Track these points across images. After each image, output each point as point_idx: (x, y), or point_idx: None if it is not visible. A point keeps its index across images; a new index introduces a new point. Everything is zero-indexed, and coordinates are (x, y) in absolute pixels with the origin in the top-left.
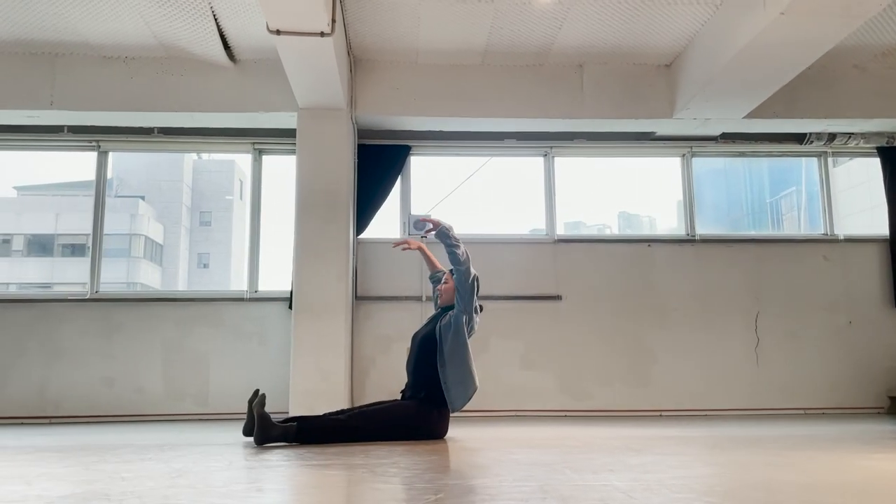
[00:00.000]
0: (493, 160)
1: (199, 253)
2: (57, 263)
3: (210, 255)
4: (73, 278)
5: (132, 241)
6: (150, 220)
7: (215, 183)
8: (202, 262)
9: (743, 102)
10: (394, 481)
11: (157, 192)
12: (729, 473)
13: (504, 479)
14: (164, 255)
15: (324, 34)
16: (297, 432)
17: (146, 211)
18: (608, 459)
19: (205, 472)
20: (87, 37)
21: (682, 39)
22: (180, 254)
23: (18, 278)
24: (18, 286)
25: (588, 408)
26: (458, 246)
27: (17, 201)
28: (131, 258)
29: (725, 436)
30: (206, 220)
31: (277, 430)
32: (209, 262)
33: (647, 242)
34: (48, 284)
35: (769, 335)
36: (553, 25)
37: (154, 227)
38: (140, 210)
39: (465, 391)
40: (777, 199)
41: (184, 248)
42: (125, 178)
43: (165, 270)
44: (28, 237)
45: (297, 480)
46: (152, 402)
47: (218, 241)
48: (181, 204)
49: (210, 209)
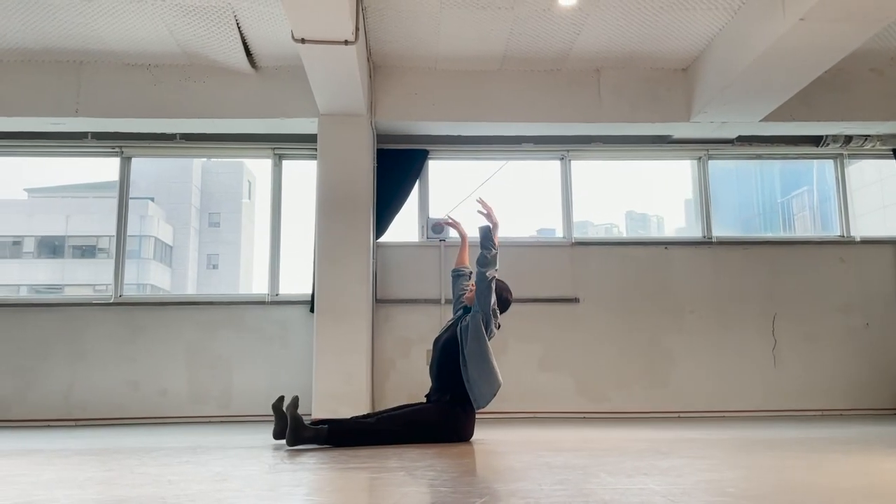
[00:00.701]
0: (509, 164)
1: (209, 254)
2: (67, 265)
3: (219, 256)
4: (84, 280)
5: (142, 242)
6: (159, 222)
7: (224, 184)
8: (211, 263)
9: (760, 106)
10: (435, 484)
11: (166, 193)
12: (759, 476)
13: (543, 483)
14: (174, 257)
15: (348, 42)
16: (328, 435)
17: (156, 212)
18: (639, 463)
19: (247, 476)
20: (111, 45)
21: (700, 44)
22: (189, 255)
23: (30, 280)
24: (30, 288)
25: (606, 410)
26: (491, 250)
27: (28, 203)
28: (141, 259)
29: (747, 438)
30: (214, 221)
31: (309, 433)
32: (218, 262)
33: (664, 245)
34: (59, 286)
35: (786, 337)
36: (571, 31)
37: (164, 229)
38: (150, 211)
39: (489, 388)
40: (788, 199)
41: (193, 249)
42: (135, 180)
43: (175, 272)
44: (39, 239)
45: (341, 483)
46: (176, 404)
47: (227, 242)
48: (190, 205)
49: (219, 210)
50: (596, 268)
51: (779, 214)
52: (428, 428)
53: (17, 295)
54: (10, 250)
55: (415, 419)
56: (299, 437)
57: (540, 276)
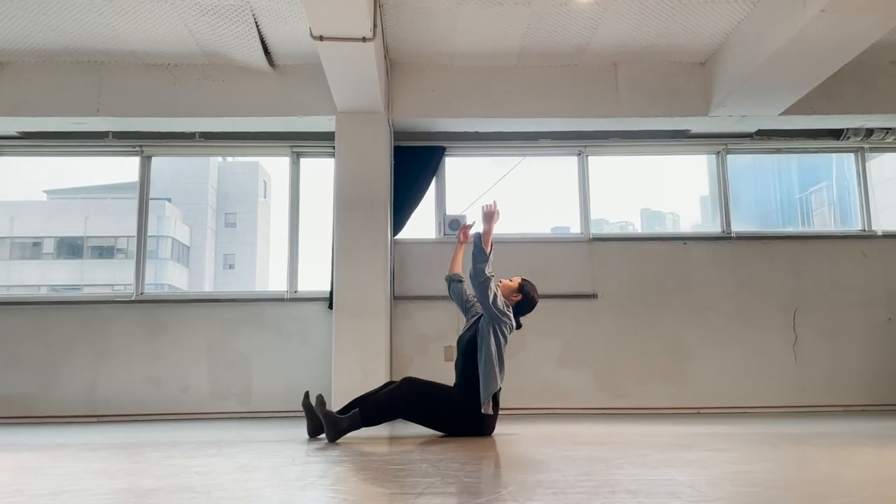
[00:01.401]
0: (526, 160)
1: (225, 254)
2: (86, 265)
3: (235, 256)
4: (103, 280)
5: (160, 242)
6: (176, 222)
7: (240, 184)
8: (228, 263)
9: (780, 99)
10: (459, 475)
11: (183, 194)
12: (785, 468)
13: (567, 475)
14: (191, 257)
15: (366, 39)
16: (361, 418)
17: (173, 213)
18: (663, 455)
19: (274, 467)
20: (131, 45)
21: (718, 37)
22: (206, 255)
23: (49, 280)
24: (49, 289)
25: (625, 405)
26: (479, 265)
27: (47, 205)
28: (159, 259)
29: (769, 433)
30: (231, 221)
31: (345, 423)
32: (234, 262)
33: (683, 240)
34: (78, 286)
35: (808, 332)
36: (589, 26)
37: (181, 229)
38: (167, 212)
39: (486, 389)
40: (807, 194)
41: (210, 249)
42: (153, 181)
43: (192, 271)
44: (58, 240)
45: (365, 474)
46: (197, 400)
47: (243, 242)
48: (207, 205)
49: (235, 210)
50: (614, 264)
51: (798, 210)
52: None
53: (42, 294)
54: (31, 251)
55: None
56: (339, 431)
57: (558, 273)
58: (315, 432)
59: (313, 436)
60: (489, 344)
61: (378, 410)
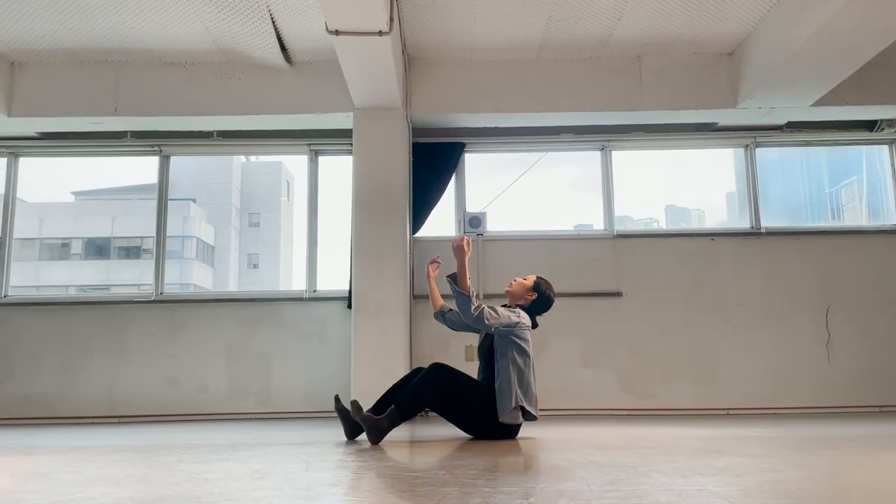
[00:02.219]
0: (548, 155)
1: (249, 254)
2: (113, 266)
3: (259, 255)
4: (130, 280)
5: (185, 242)
6: (201, 222)
7: (263, 184)
8: (252, 263)
9: (811, 90)
10: (478, 483)
11: (207, 194)
12: (825, 477)
13: (592, 483)
14: (216, 256)
15: (382, 33)
16: (399, 414)
17: (197, 213)
18: (692, 462)
19: (286, 473)
20: (148, 44)
21: (746, 26)
22: (231, 255)
23: (77, 280)
24: (77, 288)
25: (651, 406)
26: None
27: (74, 206)
28: (184, 259)
29: (804, 435)
30: (255, 221)
31: (384, 423)
32: (259, 262)
33: (711, 236)
34: (105, 286)
35: (840, 330)
36: (612, 17)
37: (205, 229)
38: (192, 212)
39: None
40: (837, 189)
41: (234, 248)
42: (177, 182)
43: (217, 271)
44: (86, 241)
45: (379, 482)
46: (216, 400)
47: (267, 242)
48: (231, 206)
49: (259, 210)
50: (639, 261)
51: (827, 205)
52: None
53: (59, 294)
54: (59, 252)
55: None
56: (381, 431)
57: (581, 271)
58: (353, 435)
59: (352, 438)
60: (506, 362)
61: (411, 402)
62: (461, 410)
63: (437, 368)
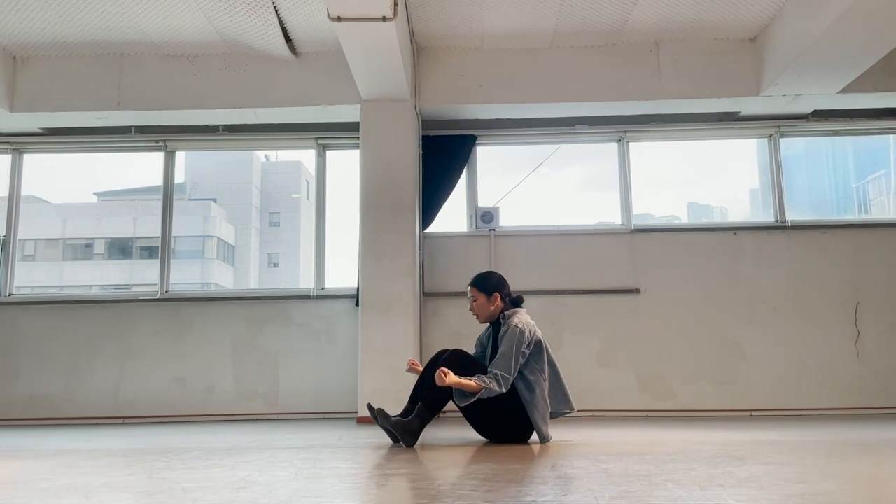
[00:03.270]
0: (563, 147)
1: (269, 253)
2: (136, 266)
3: (279, 254)
4: (152, 280)
5: (205, 242)
6: (221, 222)
7: (283, 184)
8: (272, 262)
9: (838, 75)
10: (474, 496)
11: (227, 194)
12: (862, 489)
13: (600, 496)
14: (236, 256)
15: (386, 18)
16: (427, 409)
17: (218, 213)
18: (712, 471)
19: (270, 483)
20: (151, 36)
21: (770, 10)
22: (251, 254)
23: (100, 280)
24: (101, 288)
25: (671, 407)
26: (484, 391)
27: (97, 207)
28: (205, 259)
29: (835, 440)
30: (275, 220)
31: (415, 424)
32: (279, 261)
33: (733, 230)
34: (128, 286)
35: (871, 328)
36: (628, 1)
37: (226, 229)
38: (212, 212)
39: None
40: (864, 183)
41: (254, 248)
42: (198, 182)
43: (237, 270)
44: (108, 241)
45: (369, 495)
46: (223, 401)
47: (287, 241)
48: (251, 205)
49: (279, 210)
50: (658, 256)
51: (854, 200)
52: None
53: (67, 293)
54: (82, 252)
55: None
56: (414, 433)
57: (597, 266)
58: (396, 440)
59: (397, 442)
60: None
61: (436, 394)
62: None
63: (461, 354)
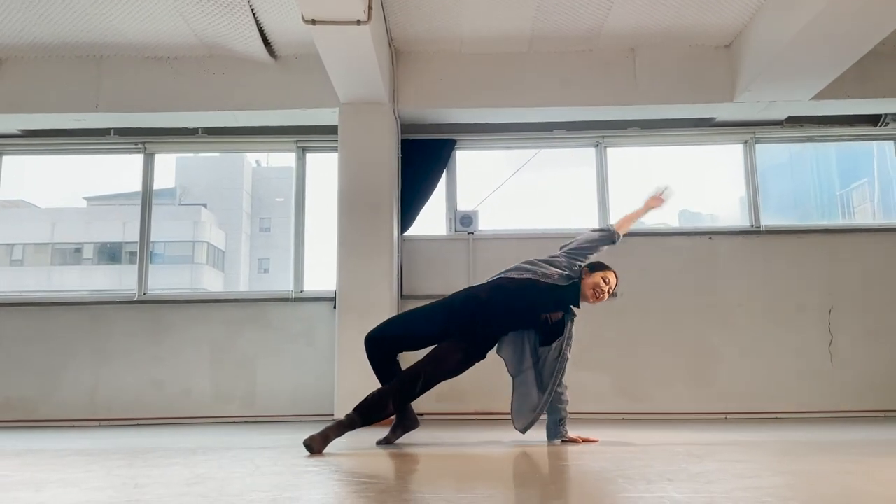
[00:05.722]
0: (542, 152)
1: (260, 258)
2: (125, 270)
3: (270, 260)
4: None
5: (195, 247)
6: (212, 227)
7: (274, 189)
8: (262, 267)
9: (811, 82)
10: (413, 491)
11: (218, 199)
12: (802, 484)
13: (549, 490)
14: (226, 261)
15: (360, 22)
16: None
17: (208, 218)
18: (667, 467)
19: (225, 479)
20: (129, 37)
21: (743, 17)
22: (241, 259)
23: (88, 286)
24: (89, 293)
25: (647, 410)
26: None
27: (86, 211)
28: (195, 264)
29: (797, 440)
30: (265, 225)
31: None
32: (269, 266)
33: (709, 235)
34: (117, 291)
35: (844, 332)
36: (602, 7)
37: (216, 234)
38: (202, 217)
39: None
40: (848, 190)
41: (245, 253)
42: (188, 187)
43: (227, 276)
44: (98, 245)
45: (321, 491)
46: (200, 404)
47: (277, 246)
48: (241, 210)
49: (269, 215)
50: (635, 260)
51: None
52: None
53: (43, 294)
54: (71, 257)
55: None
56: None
57: None
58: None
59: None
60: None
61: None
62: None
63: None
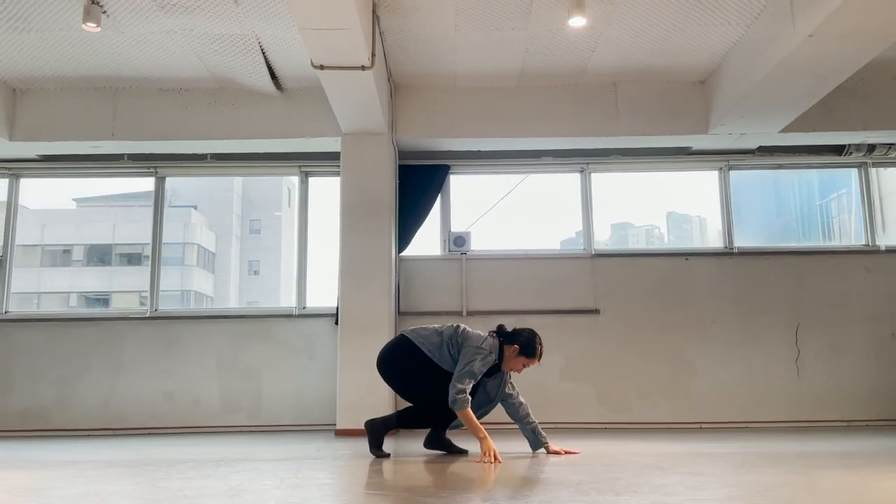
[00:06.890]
0: (530, 177)
1: (250, 260)
2: (115, 273)
3: (260, 262)
4: (131, 287)
5: (185, 249)
6: (202, 229)
7: (265, 192)
8: (253, 269)
9: (778, 117)
10: (404, 494)
11: (208, 201)
12: (747, 496)
13: (531, 501)
14: (217, 263)
15: (364, 67)
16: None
17: (198, 220)
18: (635, 480)
19: (258, 491)
20: (144, 72)
21: (716, 57)
22: (231, 261)
23: (79, 287)
24: (79, 295)
25: (627, 420)
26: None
27: (76, 213)
28: (185, 266)
29: (758, 451)
30: (255, 228)
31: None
32: (259, 268)
33: (685, 256)
34: (106, 293)
35: (810, 347)
36: (586, 48)
37: (206, 236)
38: (193, 219)
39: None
40: (826, 201)
41: (235, 255)
42: (178, 189)
43: (218, 278)
44: (87, 247)
45: (341, 499)
46: (209, 414)
47: (267, 249)
48: (232, 213)
49: (260, 217)
50: (616, 279)
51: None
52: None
53: (60, 310)
54: (61, 258)
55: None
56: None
57: (561, 288)
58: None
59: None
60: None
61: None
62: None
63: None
